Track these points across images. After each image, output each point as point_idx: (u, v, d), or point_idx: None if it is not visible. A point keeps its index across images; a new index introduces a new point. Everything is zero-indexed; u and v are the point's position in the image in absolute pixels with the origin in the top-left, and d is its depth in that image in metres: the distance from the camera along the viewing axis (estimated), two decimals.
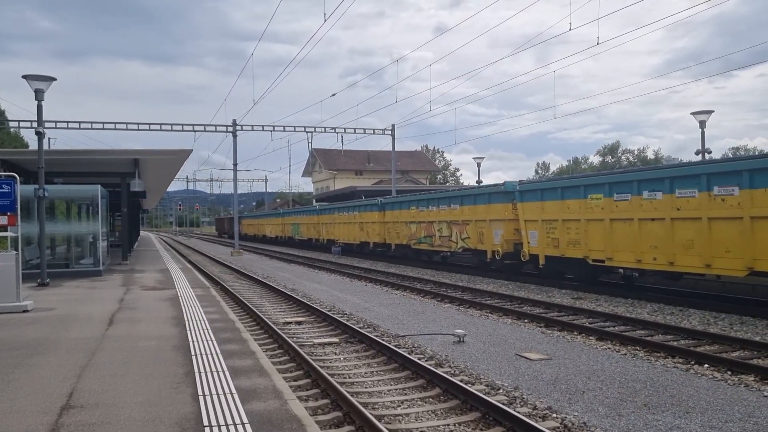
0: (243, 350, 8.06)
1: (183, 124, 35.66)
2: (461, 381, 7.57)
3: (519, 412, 6.22)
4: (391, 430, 5.96)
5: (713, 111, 23.63)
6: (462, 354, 9.26)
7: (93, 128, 33.40)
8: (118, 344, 8.46)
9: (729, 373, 8.06)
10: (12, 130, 41.27)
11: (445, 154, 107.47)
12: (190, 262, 29.42)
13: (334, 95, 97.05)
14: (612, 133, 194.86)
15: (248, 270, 25.07)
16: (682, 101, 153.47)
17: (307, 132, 38.47)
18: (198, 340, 8.65)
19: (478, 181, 39.21)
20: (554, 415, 6.42)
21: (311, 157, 74.48)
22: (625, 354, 9.21)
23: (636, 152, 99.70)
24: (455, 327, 11.10)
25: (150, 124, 34.27)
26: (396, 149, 41.30)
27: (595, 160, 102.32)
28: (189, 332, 9.29)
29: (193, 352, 7.85)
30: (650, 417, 6.27)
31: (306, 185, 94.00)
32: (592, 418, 6.25)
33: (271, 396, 5.91)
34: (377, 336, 10.57)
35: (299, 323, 12.54)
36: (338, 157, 67.39)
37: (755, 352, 9.19)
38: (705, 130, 23.05)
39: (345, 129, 38.63)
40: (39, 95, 15.14)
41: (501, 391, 7.33)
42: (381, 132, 39.74)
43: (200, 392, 6.03)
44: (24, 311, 11.52)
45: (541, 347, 9.64)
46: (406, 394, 7.45)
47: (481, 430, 6.19)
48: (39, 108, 15.58)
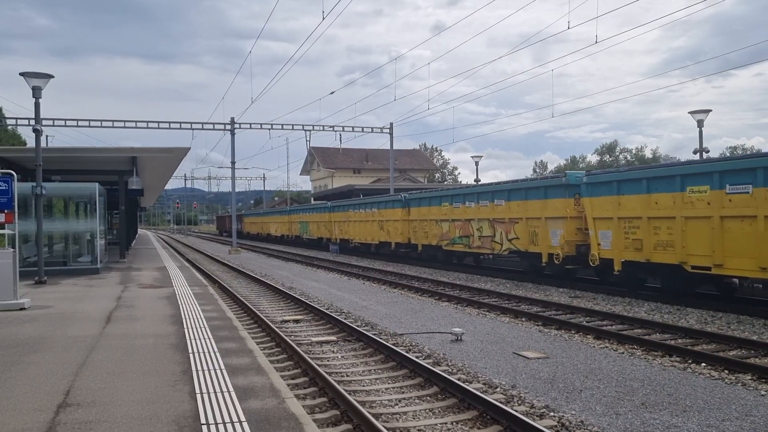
0: (240, 348, 8.05)
1: (181, 122, 35.67)
2: (459, 379, 7.57)
3: (516, 411, 6.22)
4: (388, 429, 5.95)
5: (711, 110, 23.58)
6: (460, 352, 9.27)
7: (91, 126, 33.41)
8: (115, 342, 8.44)
9: (726, 372, 8.07)
10: (9, 127, 41.20)
11: (443, 153, 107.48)
12: (188, 260, 29.39)
13: (332, 93, 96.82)
14: (610, 132, 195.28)
15: (246, 268, 25.04)
16: (679, 100, 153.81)
17: (306, 130, 38.48)
18: (195, 338, 8.64)
19: (477, 180, 39.25)
20: (552, 413, 6.42)
21: (309, 155, 74.45)
22: (623, 353, 9.22)
23: (634, 151, 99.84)
24: (453, 325, 11.10)
25: (148, 122, 34.22)
26: (394, 148, 41.31)
27: (593, 159, 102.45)
28: (186, 330, 9.28)
29: (190, 350, 7.85)
30: (647, 415, 6.27)
31: (304, 183, 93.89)
32: (589, 417, 6.26)
33: (269, 394, 5.91)
34: (375, 334, 10.57)
35: (297, 321, 12.53)
36: (336, 156, 67.35)
37: (752, 351, 9.21)
38: (703, 129, 23.07)
39: (343, 127, 38.67)
40: (36, 93, 15.12)
41: (498, 389, 7.33)
42: (379, 130, 39.74)
43: (197, 390, 6.02)
44: (21, 309, 11.50)
45: (538, 346, 9.65)
46: (403, 392, 7.45)
47: (479, 428, 6.19)
48: (36, 105, 15.56)
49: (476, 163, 39.81)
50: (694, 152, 24.65)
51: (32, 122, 16.19)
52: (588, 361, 8.60)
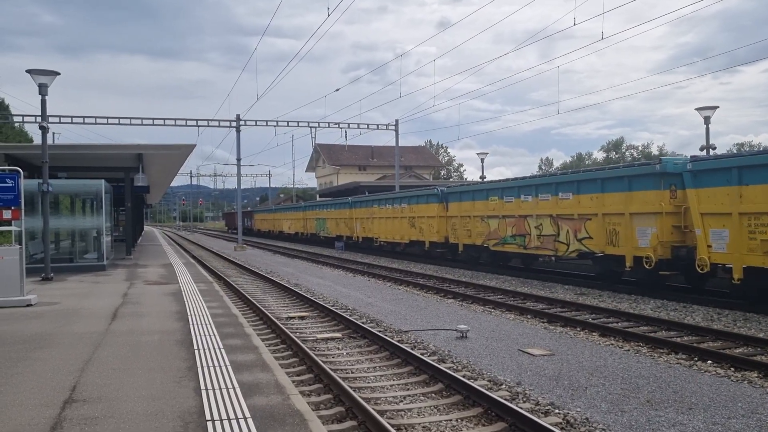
0: (246, 345, 8.07)
1: (186, 119, 35.80)
2: (464, 377, 7.56)
3: (521, 408, 6.22)
4: (393, 426, 5.96)
5: (718, 107, 23.40)
6: (465, 350, 9.26)
7: (97, 123, 33.54)
8: (121, 338, 8.47)
9: (732, 369, 8.04)
10: (16, 124, 41.36)
11: (448, 150, 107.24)
12: (194, 257, 29.47)
13: (337, 90, 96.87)
14: (616, 128, 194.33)
15: (251, 265, 25.09)
16: (686, 97, 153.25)
17: (311, 127, 38.51)
18: (201, 335, 8.67)
19: (482, 177, 39.15)
20: (557, 410, 6.41)
21: (315, 152, 74.47)
22: (629, 350, 9.20)
23: (640, 148, 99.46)
24: (458, 322, 11.09)
25: (153, 119, 34.34)
26: (400, 144, 41.28)
27: (599, 156, 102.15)
28: (192, 327, 9.31)
29: (195, 347, 7.87)
30: (653, 413, 6.25)
31: (309, 180, 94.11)
32: (594, 414, 6.25)
33: (274, 391, 5.92)
34: (380, 331, 10.58)
35: (302, 318, 12.55)
36: (342, 153, 67.36)
37: (759, 349, 9.16)
38: (710, 125, 22.93)
39: (348, 124, 38.70)
40: (43, 90, 15.17)
41: (503, 386, 7.33)
42: (384, 127, 39.73)
43: (203, 386, 6.04)
44: (28, 305, 11.55)
45: (543, 343, 9.63)
46: (408, 389, 7.45)
47: (484, 425, 6.19)
48: (43, 102, 15.62)
49: (482, 160, 39.68)
50: (701, 149, 24.53)
51: (39, 119, 16.26)
52: (593, 359, 8.58)
